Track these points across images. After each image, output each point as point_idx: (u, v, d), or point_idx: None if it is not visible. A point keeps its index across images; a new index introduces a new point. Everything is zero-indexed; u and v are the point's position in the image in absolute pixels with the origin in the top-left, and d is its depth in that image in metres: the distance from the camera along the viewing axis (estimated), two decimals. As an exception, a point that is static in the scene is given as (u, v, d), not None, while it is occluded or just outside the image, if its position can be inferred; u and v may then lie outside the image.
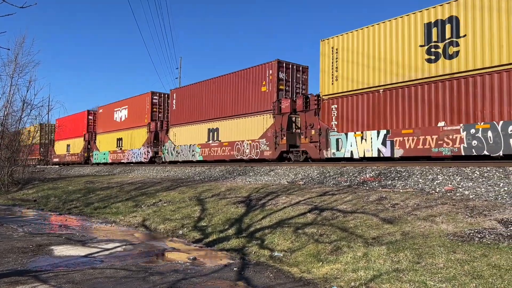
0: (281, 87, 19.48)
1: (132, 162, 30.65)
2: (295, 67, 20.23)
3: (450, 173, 10.84)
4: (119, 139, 32.46)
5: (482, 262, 5.56)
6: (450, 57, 13.01)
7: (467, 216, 7.24)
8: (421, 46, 13.76)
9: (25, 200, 18.94)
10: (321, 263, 6.71)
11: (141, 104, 29.81)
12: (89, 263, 7.12)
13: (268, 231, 8.75)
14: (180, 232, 10.24)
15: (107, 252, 8.09)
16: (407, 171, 11.98)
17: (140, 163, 29.63)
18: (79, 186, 20.47)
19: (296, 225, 8.64)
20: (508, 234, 6.33)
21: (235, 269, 6.84)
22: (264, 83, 19.93)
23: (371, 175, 12.41)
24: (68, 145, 40.73)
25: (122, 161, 31.80)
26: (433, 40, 13.46)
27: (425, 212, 7.83)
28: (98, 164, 35.33)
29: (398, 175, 11.76)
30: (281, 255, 7.45)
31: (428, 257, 5.99)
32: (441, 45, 13.29)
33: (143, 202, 14.11)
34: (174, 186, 16.05)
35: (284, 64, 19.80)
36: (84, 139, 36.87)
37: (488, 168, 10.68)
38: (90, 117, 37.69)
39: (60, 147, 42.73)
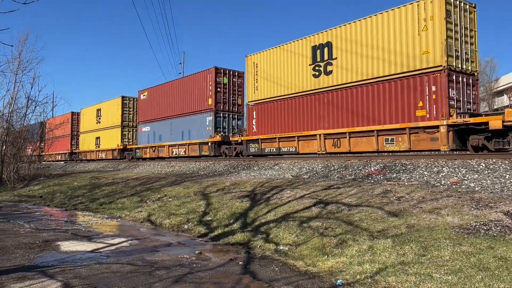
0: None
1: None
2: None
3: (455, 166, 10.79)
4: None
5: (488, 254, 5.54)
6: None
7: (472, 209, 7.21)
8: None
9: (31, 197, 19.07)
10: (326, 256, 6.72)
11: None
12: (96, 258, 7.16)
13: (273, 225, 8.76)
14: (186, 226, 10.27)
15: (113, 247, 8.13)
16: (412, 164, 11.94)
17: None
18: (84, 182, 20.57)
19: (301, 219, 8.64)
20: (514, 226, 6.30)
21: (240, 263, 6.86)
22: None
23: (376, 168, 12.37)
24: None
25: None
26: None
27: (430, 204, 7.80)
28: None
29: (403, 168, 11.73)
30: (286, 249, 7.46)
31: (434, 249, 5.98)
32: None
33: (148, 197, 14.16)
34: (179, 181, 16.09)
35: None
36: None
37: (494, 160, 10.62)
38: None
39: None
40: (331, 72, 16.97)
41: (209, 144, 23.06)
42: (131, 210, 12.92)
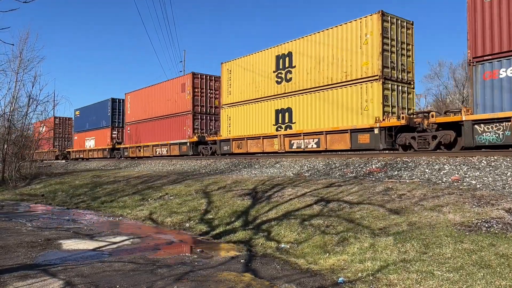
0: None
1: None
2: None
3: (456, 163, 10.78)
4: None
5: (489, 251, 5.54)
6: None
7: (474, 206, 7.20)
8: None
9: (33, 195, 19.10)
10: (327, 254, 6.72)
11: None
12: (98, 257, 7.17)
13: (274, 223, 8.77)
14: (187, 225, 10.28)
15: (115, 246, 8.14)
16: (414, 161, 11.93)
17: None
18: (85, 181, 20.59)
19: (303, 216, 8.65)
20: (516, 223, 6.29)
21: (242, 261, 6.87)
22: None
23: (377, 166, 12.37)
24: None
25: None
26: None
27: (431, 202, 7.80)
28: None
29: (404, 165, 11.72)
30: (288, 246, 7.47)
31: (435, 247, 5.98)
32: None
33: (150, 195, 14.18)
34: (180, 179, 16.11)
35: None
36: None
37: (495, 157, 10.61)
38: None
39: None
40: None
41: None
42: (132, 209, 12.93)
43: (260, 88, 20.79)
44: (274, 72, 19.99)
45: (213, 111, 25.74)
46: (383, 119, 15.25)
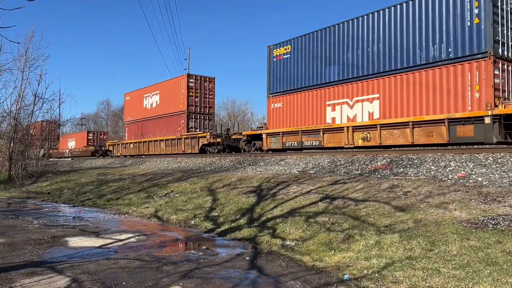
0: None
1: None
2: None
3: (463, 160, 10.72)
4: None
5: (496, 248, 5.51)
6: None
7: (480, 203, 7.16)
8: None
9: (39, 193, 19.23)
10: (333, 251, 6.71)
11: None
12: (104, 254, 7.21)
13: (279, 221, 8.77)
14: (192, 222, 10.31)
15: (121, 243, 8.19)
16: (419, 158, 11.88)
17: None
18: (91, 178, 20.70)
19: (308, 214, 8.64)
20: (523, 220, 6.24)
21: (247, 258, 6.88)
22: None
23: (383, 163, 12.33)
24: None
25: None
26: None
27: (437, 199, 7.76)
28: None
29: (410, 162, 11.67)
30: (293, 244, 7.46)
31: (441, 244, 5.95)
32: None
33: (155, 193, 14.23)
34: (185, 177, 16.15)
35: None
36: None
37: (502, 154, 10.54)
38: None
39: None
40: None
41: None
42: (138, 206, 12.99)
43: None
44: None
45: None
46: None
